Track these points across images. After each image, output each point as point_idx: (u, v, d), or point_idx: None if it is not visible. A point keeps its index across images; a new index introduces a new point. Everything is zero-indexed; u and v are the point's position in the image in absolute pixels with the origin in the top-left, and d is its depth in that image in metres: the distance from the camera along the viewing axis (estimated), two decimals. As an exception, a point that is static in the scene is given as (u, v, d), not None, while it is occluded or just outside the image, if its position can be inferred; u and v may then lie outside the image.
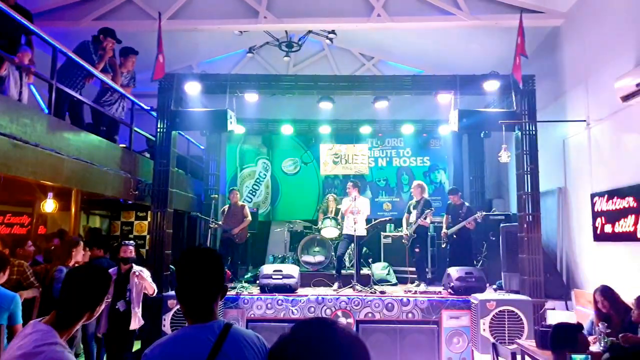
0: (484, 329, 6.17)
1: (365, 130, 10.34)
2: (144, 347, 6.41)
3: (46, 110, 6.03)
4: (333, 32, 9.16)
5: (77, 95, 6.25)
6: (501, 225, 7.69)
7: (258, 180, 10.81)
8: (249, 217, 8.67)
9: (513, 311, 6.25)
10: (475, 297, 6.45)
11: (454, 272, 7.13)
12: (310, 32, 9.42)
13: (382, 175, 10.68)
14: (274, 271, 7.23)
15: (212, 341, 1.76)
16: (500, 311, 6.23)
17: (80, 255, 5.58)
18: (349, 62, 10.86)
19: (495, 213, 8.45)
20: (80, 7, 8.21)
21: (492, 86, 7.14)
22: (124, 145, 7.40)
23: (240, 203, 8.77)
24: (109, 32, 7.02)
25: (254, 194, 10.74)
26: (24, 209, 8.28)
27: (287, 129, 10.21)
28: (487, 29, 8.08)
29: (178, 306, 6.37)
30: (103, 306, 2.18)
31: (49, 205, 7.02)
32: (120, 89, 7.21)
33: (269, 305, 6.83)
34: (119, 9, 8.27)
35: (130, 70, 7.68)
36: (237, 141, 10.78)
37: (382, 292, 7.18)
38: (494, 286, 7.57)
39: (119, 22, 8.00)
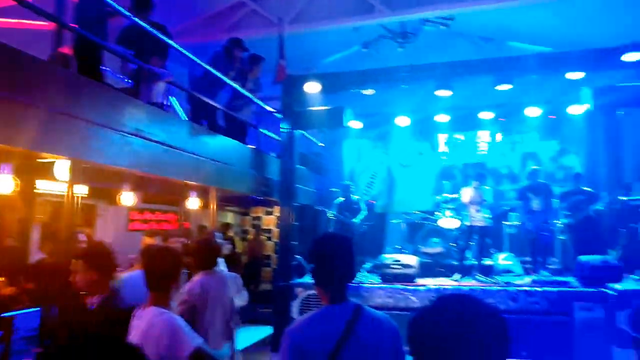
0: (623, 322, 5.68)
1: (486, 116, 9.79)
2: (275, 333, 7.02)
3: (185, 118, 6.91)
4: (450, 17, 8.93)
5: (212, 102, 7.00)
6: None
7: (375, 174, 11.02)
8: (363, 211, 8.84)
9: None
10: (613, 288, 5.95)
11: (587, 260, 6.58)
12: (425, 20, 9.29)
13: (505, 162, 10.21)
14: (394, 261, 7.38)
15: (345, 321, 1.94)
16: (643, 303, 5.65)
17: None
18: (468, 46, 10.48)
19: (634, 198, 7.63)
20: (210, 22, 9.16)
21: (633, 58, 6.38)
22: (253, 146, 8.11)
23: (354, 196, 8.99)
24: (238, 42, 7.71)
25: (371, 186, 10.98)
26: (171, 207, 9.43)
27: (402, 121, 10.11)
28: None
29: (306, 293, 6.87)
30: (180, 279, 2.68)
31: (193, 202, 7.88)
32: (248, 94, 7.90)
33: (389, 294, 7.00)
34: (243, 20, 9.07)
35: (256, 76, 8.35)
36: (354, 136, 11.06)
37: (507, 283, 6.96)
38: (635, 276, 6.86)
39: (244, 30, 8.76)
